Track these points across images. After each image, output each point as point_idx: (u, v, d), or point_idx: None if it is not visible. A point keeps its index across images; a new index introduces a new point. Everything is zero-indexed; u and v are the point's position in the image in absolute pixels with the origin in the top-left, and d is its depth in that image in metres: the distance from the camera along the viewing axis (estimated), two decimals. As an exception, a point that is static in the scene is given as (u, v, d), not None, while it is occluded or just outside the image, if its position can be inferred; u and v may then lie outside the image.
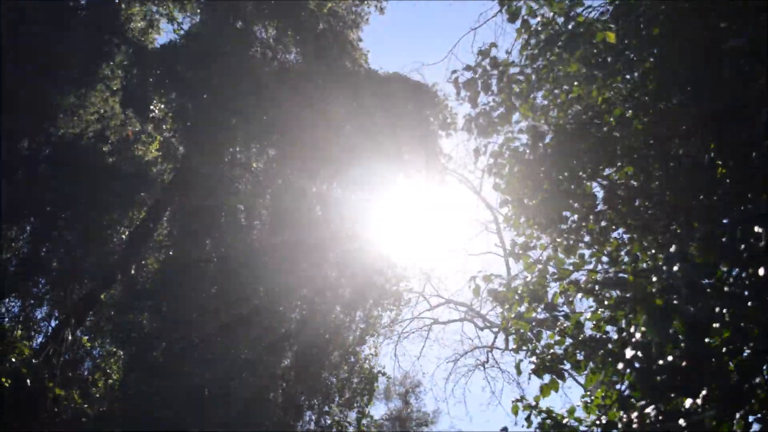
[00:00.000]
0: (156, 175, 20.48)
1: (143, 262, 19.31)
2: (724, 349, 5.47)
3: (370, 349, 19.51)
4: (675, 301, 5.05)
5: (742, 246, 4.97)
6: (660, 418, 5.14)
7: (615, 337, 7.38)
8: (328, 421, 18.39)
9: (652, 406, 5.35)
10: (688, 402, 4.98)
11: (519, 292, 8.03)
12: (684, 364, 4.98)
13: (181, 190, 19.43)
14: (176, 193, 19.68)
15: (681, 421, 4.92)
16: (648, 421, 5.30)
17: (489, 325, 32.05)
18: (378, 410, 53.51)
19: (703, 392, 4.87)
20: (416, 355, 61.58)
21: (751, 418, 5.97)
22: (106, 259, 19.40)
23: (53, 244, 19.62)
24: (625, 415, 5.80)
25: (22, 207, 18.48)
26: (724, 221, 6.79)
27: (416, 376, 49.99)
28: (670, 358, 5.08)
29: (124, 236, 20.20)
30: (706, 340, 5.40)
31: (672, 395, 5.15)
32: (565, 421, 7.77)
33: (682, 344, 4.99)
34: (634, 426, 5.59)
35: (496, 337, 34.30)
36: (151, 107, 20.45)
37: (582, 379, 9.69)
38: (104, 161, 19.64)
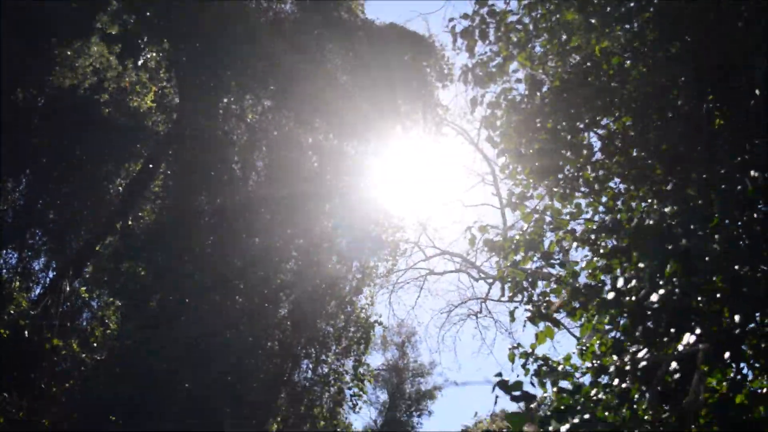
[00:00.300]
0: (151, 127, 20.39)
1: (139, 214, 19.34)
2: (718, 296, 5.54)
3: (367, 299, 19.68)
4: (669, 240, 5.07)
5: (739, 187, 4.99)
6: (653, 362, 5.21)
7: (611, 296, 7.44)
8: (325, 370, 18.61)
9: (645, 350, 5.43)
10: (681, 346, 5.05)
11: (515, 241, 8.07)
12: (675, 298, 5.02)
13: (176, 141, 19.36)
14: (171, 144, 19.61)
15: (674, 364, 5.00)
16: (640, 365, 5.38)
17: (484, 276, 32.28)
18: (375, 359, 54.25)
19: (697, 332, 4.92)
20: (411, 305, 62.24)
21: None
22: (103, 210, 19.43)
23: (50, 196, 19.61)
24: (618, 360, 5.88)
25: (18, 159, 18.42)
26: (722, 171, 6.82)
27: (412, 325, 50.67)
28: (662, 291, 5.12)
29: (120, 188, 20.20)
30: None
31: (665, 339, 5.22)
32: (560, 367, 7.86)
33: (676, 282, 5.03)
34: (627, 369, 5.67)
35: (490, 288, 34.60)
36: (146, 56, 20.25)
37: (577, 332, 9.76)
38: (100, 113, 19.53)
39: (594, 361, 7.17)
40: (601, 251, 7.54)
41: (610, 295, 5.86)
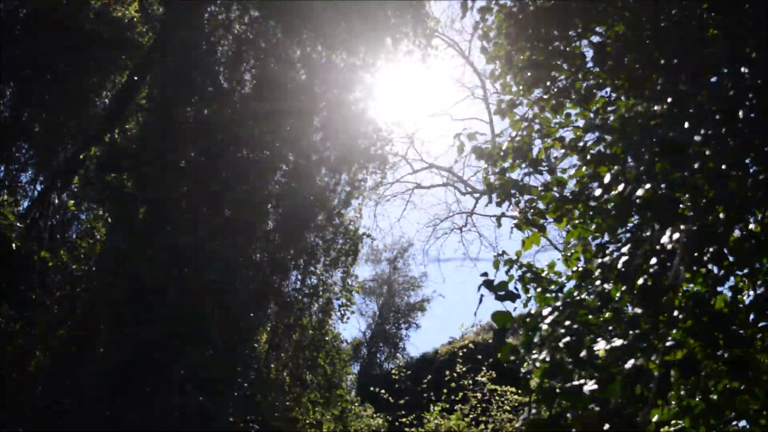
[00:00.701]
0: (136, 38, 20.01)
1: (125, 126, 19.14)
2: (704, 201, 5.56)
3: (355, 211, 19.75)
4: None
5: (730, 85, 4.95)
6: (635, 260, 5.27)
7: (597, 192, 7.46)
8: (314, 281, 18.83)
9: (628, 246, 5.48)
10: (664, 239, 5.08)
11: (503, 148, 8.05)
12: (660, 194, 5.04)
13: (161, 53, 19.00)
14: (156, 56, 19.26)
15: (654, 259, 5.04)
16: (621, 261, 5.44)
17: (470, 190, 32.50)
18: (364, 271, 55.14)
19: (681, 227, 4.96)
20: (396, 217, 62.82)
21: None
22: (89, 123, 19.22)
23: (35, 109, 19.37)
24: (602, 260, 5.94)
25: (1, 71, 18.10)
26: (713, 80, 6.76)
27: (403, 241, 51.25)
28: (647, 186, 5.14)
29: (106, 100, 19.95)
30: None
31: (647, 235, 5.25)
32: (544, 274, 7.96)
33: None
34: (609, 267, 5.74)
35: (477, 202, 34.85)
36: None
37: (562, 246, 9.80)
38: (83, 24, 19.13)
39: (578, 266, 7.26)
40: (588, 158, 7.53)
41: (597, 192, 5.88)
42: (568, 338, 5.16)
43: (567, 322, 5.37)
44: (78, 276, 16.11)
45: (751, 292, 6.79)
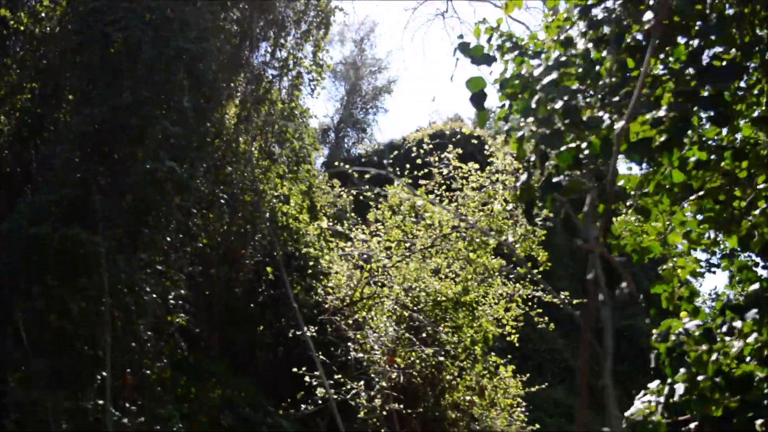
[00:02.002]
0: None
1: None
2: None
3: (328, -19, 18.89)
4: None
5: None
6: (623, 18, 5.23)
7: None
8: (284, 54, 18.41)
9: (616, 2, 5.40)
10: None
11: None
12: None
13: None
14: None
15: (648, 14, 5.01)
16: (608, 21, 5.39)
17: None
18: (334, 54, 54.45)
19: None
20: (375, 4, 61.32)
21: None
22: None
23: None
24: (588, 21, 5.89)
25: None
26: None
27: (373, 20, 50.13)
28: None
29: None
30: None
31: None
32: (523, 43, 7.86)
33: None
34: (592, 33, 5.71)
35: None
36: None
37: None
38: None
39: (559, 33, 7.17)
40: None
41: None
42: (562, 102, 5.18)
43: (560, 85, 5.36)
44: (40, 38, 15.58)
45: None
